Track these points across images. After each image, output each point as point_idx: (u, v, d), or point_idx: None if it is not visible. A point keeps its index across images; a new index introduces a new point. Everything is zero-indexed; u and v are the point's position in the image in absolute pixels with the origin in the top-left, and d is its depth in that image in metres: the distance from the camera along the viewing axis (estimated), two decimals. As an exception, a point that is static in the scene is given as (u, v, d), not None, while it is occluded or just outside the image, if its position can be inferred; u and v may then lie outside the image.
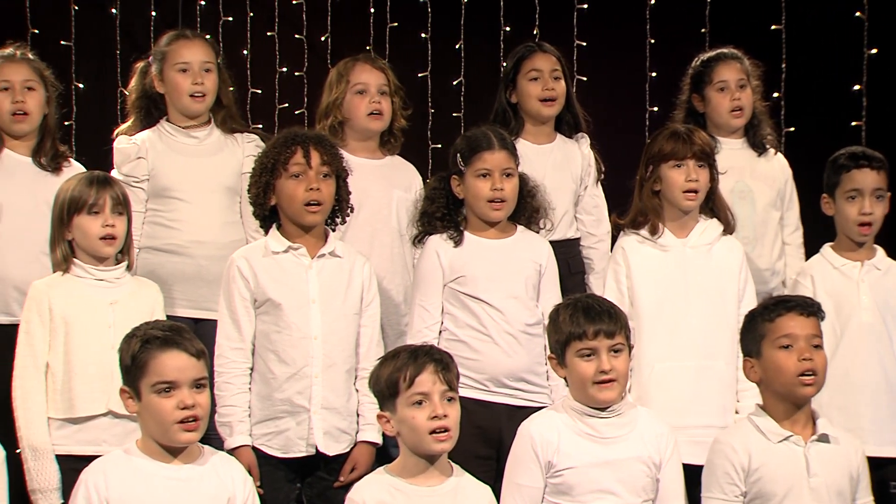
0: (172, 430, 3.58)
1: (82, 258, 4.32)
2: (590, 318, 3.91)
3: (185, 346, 3.60)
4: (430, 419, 3.70)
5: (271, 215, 4.42)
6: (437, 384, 3.72)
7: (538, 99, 5.26)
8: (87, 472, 3.61)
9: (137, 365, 3.59)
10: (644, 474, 3.91)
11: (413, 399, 3.72)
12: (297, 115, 6.36)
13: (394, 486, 3.74)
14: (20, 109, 4.89)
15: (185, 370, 3.59)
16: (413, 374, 3.72)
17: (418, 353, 3.78)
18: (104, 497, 3.54)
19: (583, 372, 3.89)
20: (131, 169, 5.00)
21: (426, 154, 6.29)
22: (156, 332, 3.62)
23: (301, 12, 6.43)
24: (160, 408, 3.57)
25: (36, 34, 6.03)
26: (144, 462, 3.60)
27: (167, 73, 5.03)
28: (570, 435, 3.89)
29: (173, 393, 3.57)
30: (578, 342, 3.90)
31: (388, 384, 3.75)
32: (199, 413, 3.59)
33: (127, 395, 3.63)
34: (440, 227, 4.61)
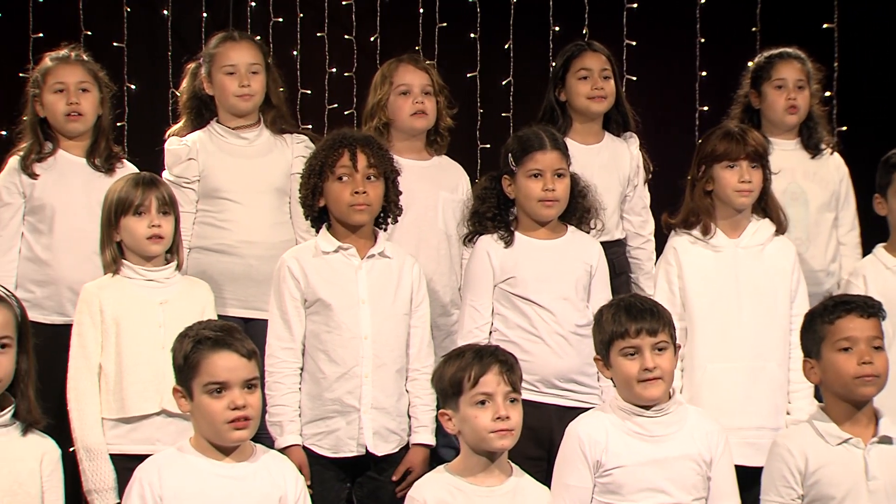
0: (223, 430, 3.60)
1: (131, 259, 4.35)
2: (631, 317, 3.91)
3: (235, 347, 3.62)
4: (492, 420, 3.71)
5: (321, 216, 4.44)
6: (502, 385, 3.74)
7: (587, 98, 5.25)
8: (141, 469, 3.64)
9: (189, 365, 3.62)
10: (694, 472, 3.90)
11: (476, 399, 3.74)
12: (347, 115, 6.37)
13: (454, 485, 3.76)
14: (75, 111, 4.93)
15: (235, 371, 3.61)
16: (478, 374, 3.74)
17: (484, 354, 3.80)
18: (158, 494, 3.57)
19: (627, 371, 3.89)
20: (182, 170, 5.03)
21: (475, 154, 6.29)
22: (207, 333, 3.64)
23: (350, 13, 6.44)
24: (211, 408, 3.59)
25: (89, 36, 6.08)
26: (198, 459, 3.62)
27: (215, 75, 5.07)
28: (618, 434, 3.89)
29: (224, 393, 3.59)
30: (621, 341, 3.91)
31: (452, 383, 3.77)
32: (249, 413, 3.60)
33: (180, 394, 3.66)
34: (491, 228, 4.61)
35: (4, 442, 3.52)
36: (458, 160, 5.28)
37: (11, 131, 5.19)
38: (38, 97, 4.96)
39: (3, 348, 3.51)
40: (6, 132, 5.65)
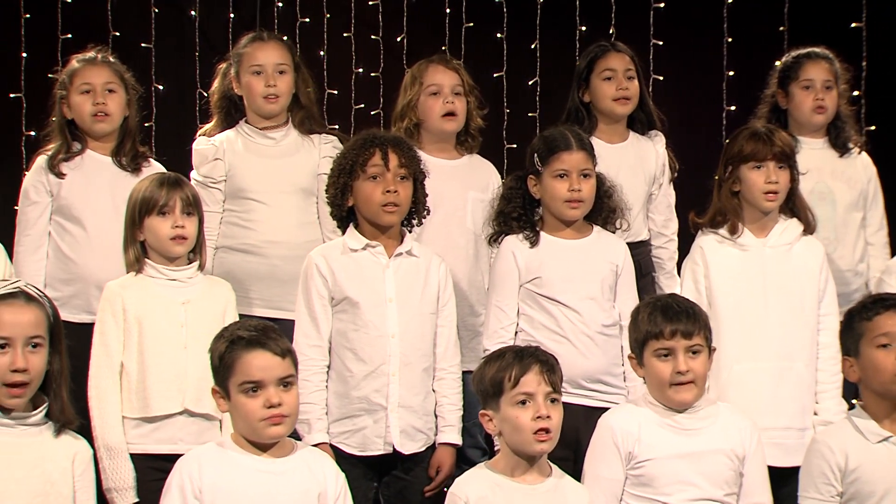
0: (260, 427, 3.61)
1: (154, 259, 4.36)
2: (667, 318, 3.91)
3: (269, 346, 3.63)
4: (533, 419, 3.72)
5: (348, 216, 4.45)
6: (542, 385, 3.75)
7: (612, 98, 5.24)
8: (182, 462, 3.65)
9: (225, 365, 3.63)
10: (727, 467, 3.90)
11: (517, 399, 3.75)
12: (373, 115, 6.38)
13: (495, 482, 3.77)
14: (101, 111, 4.95)
15: (270, 369, 3.62)
16: (518, 374, 3.75)
17: (524, 354, 3.81)
18: (198, 486, 3.58)
19: (659, 372, 3.89)
20: (209, 170, 5.05)
21: (501, 154, 6.28)
22: (242, 333, 3.66)
23: (377, 13, 6.44)
24: (247, 407, 3.60)
25: (117, 37, 6.10)
26: (238, 455, 3.64)
27: (243, 75, 5.09)
28: (651, 426, 3.90)
29: (259, 392, 3.60)
30: (655, 341, 3.91)
31: (493, 383, 3.78)
32: (285, 411, 3.62)
33: (218, 394, 3.68)
34: (516, 228, 4.61)
35: (37, 442, 3.53)
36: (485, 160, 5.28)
37: (40, 132, 5.23)
38: (66, 98, 4.99)
39: (35, 348, 3.52)
40: (35, 133, 5.70)
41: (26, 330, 3.51)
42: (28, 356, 3.50)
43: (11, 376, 3.47)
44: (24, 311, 3.53)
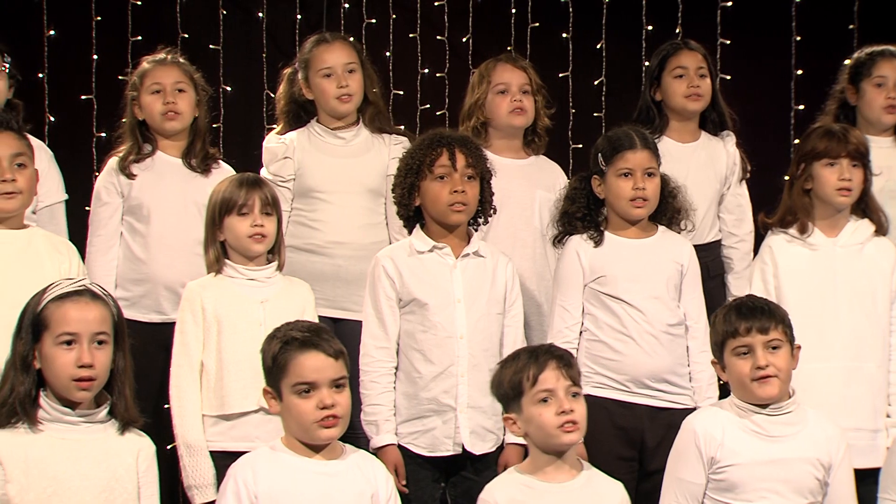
0: (312, 429, 3.61)
1: (234, 258, 4.38)
2: (741, 315, 3.89)
3: (323, 347, 3.63)
4: (557, 415, 3.70)
5: (415, 216, 4.46)
6: (561, 380, 3.71)
7: (683, 96, 5.23)
8: (235, 467, 3.66)
9: (277, 366, 3.64)
10: (812, 476, 3.85)
11: (538, 397, 3.71)
12: (439, 116, 6.38)
13: (525, 483, 3.74)
14: (171, 110, 4.98)
15: (323, 371, 3.62)
16: (536, 373, 3.72)
17: (538, 352, 3.78)
18: (253, 491, 3.59)
19: (740, 370, 3.87)
20: (278, 168, 5.08)
21: (567, 154, 6.26)
22: (295, 334, 3.65)
23: (443, 14, 6.44)
24: (300, 409, 3.61)
25: (186, 38, 6.15)
26: (291, 457, 3.64)
27: (313, 79, 5.09)
28: (735, 431, 3.86)
29: (312, 393, 3.60)
30: (733, 340, 3.89)
31: (512, 385, 3.75)
32: (338, 412, 3.62)
33: (270, 395, 3.68)
34: (580, 228, 4.60)
35: (102, 438, 3.57)
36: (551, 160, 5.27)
37: (111, 134, 5.28)
38: (137, 99, 5.02)
39: (100, 344, 3.56)
40: (105, 134, 5.77)
41: (92, 326, 3.55)
42: (94, 352, 3.53)
43: (78, 371, 3.51)
44: (90, 307, 3.57)
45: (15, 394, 3.51)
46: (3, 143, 4.11)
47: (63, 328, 3.52)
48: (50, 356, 3.52)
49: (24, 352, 3.54)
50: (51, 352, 3.52)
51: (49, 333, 3.52)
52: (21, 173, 4.11)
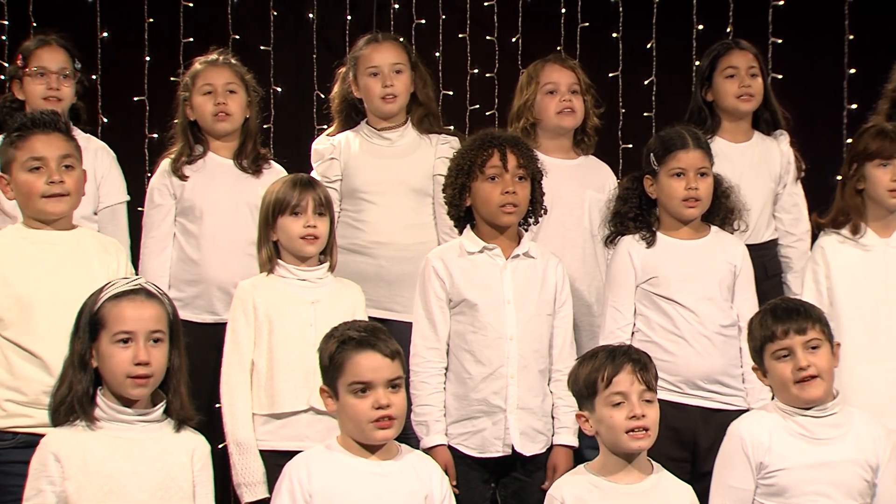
0: (368, 429, 3.63)
1: (286, 259, 4.39)
2: (777, 318, 3.88)
3: (379, 347, 3.65)
4: (628, 419, 3.70)
5: (466, 216, 4.46)
6: (636, 384, 3.73)
7: (735, 96, 5.20)
8: (290, 466, 3.69)
9: (334, 365, 3.66)
10: (860, 477, 3.83)
11: (611, 399, 3.73)
12: (488, 116, 6.38)
13: (592, 483, 3.76)
14: (222, 111, 5.01)
15: (379, 370, 3.64)
16: (611, 374, 3.73)
17: (616, 353, 3.79)
18: (307, 490, 3.61)
19: (781, 373, 3.85)
20: (325, 169, 5.10)
21: (617, 154, 6.25)
22: (352, 333, 3.68)
23: (492, 14, 6.45)
24: (356, 408, 3.63)
25: (237, 39, 6.19)
26: (345, 457, 3.67)
27: (360, 77, 5.12)
28: (782, 435, 3.85)
29: (369, 393, 3.63)
30: (771, 344, 3.88)
31: (587, 384, 3.77)
32: (394, 412, 3.64)
33: (326, 394, 3.71)
34: (632, 228, 4.59)
35: (157, 437, 3.59)
36: (600, 160, 5.26)
37: (163, 135, 5.31)
38: (188, 100, 5.05)
39: (156, 343, 3.58)
40: (158, 135, 5.81)
41: (148, 325, 3.58)
42: (150, 350, 3.56)
43: (135, 369, 3.54)
44: (146, 306, 3.60)
45: (73, 392, 3.54)
46: (52, 145, 4.12)
47: (119, 327, 3.55)
48: (107, 354, 3.55)
49: (81, 351, 3.57)
50: (107, 350, 3.55)
51: (106, 332, 3.56)
52: (69, 175, 4.12)
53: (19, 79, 5.09)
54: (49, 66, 5.04)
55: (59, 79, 5.04)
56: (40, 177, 4.09)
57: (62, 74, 5.05)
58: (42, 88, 5.03)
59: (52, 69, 5.04)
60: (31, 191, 4.09)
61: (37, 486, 3.51)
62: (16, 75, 5.11)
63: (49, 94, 5.02)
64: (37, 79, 5.04)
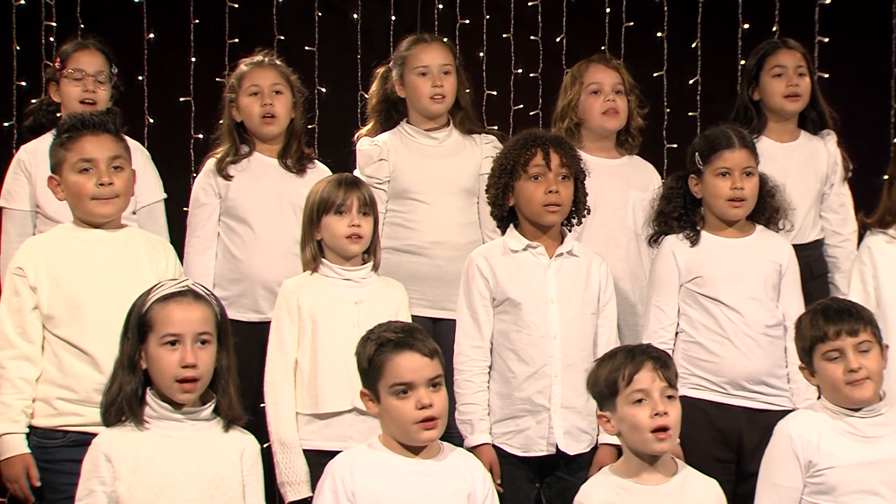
0: (413, 430, 3.63)
1: (330, 258, 4.40)
2: (829, 319, 3.85)
3: (418, 347, 3.65)
4: (650, 417, 3.68)
5: (509, 216, 4.46)
6: (657, 381, 3.70)
7: (782, 95, 5.18)
8: (333, 465, 3.69)
9: (374, 368, 3.66)
10: None
11: (633, 397, 3.70)
12: (532, 116, 6.37)
13: (619, 485, 3.74)
14: (269, 112, 5.03)
15: (420, 371, 3.64)
16: (632, 373, 3.71)
17: (636, 352, 3.77)
18: (350, 489, 3.62)
19: (832, 374, 3.83)
20: (374, 170, 5.10)
21: (661, 154, 6.23)
22: (389, 335, 3.67)
23: (536, 14, 6.44)
24: (399, 410, 3.63)
25: (282, 40, 6.21)
26: (388, 456, 3.67)
27: (407, 77, 5.12)
28: (830, 434, 3.82)
29: (410, 394, 3.62)
30: (822, 345, 3.85)
31: (607, 384, 3.74)
32: (436, 412, 3.63)
33: (367, 397, 3.70)
34: (676, 227, 4.58)
35: (207, 437, 3.61)
36: (645, 160, 5.26)
37: (209, 136, 5.34)
38: (235, 101, 5.07)
39: (203, 344, 3.60)
40: (203, 136, 5.84)
41: (195, 326, 3.59)
42: (197, 352, 3.57)
43: (182, 372, 3.55)
44: (193, 308, 3.61)
45: (123, 393, 3.56)
46: (101, 146, 4.14)
47: (167, 329, 3.57)
48: (155, 356, 3.57)
49: (130, 352, 3.59)
50: (155, 352, 3.57)
51: (154, 334, 3.57)
52: (118, 175, 4.15)
53: (56, 81, 5.13)
54: (86, 68, 5.08)
55: (95, 82, 5.08)
56: (90, 178, 4.12)
57: (98, 78, 5.09)
58: (78, 91, 5.07)
59: (88, 72, 5.08)
60: (81, 192, 4.12)
61: (89, 486, 3.53)
62: (53, 77, 5.15)
63: (85, 96, 5.06)
64: (73, 81, 5.08)
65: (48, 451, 4.03)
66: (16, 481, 4.03)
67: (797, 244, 4.81)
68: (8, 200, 5.03)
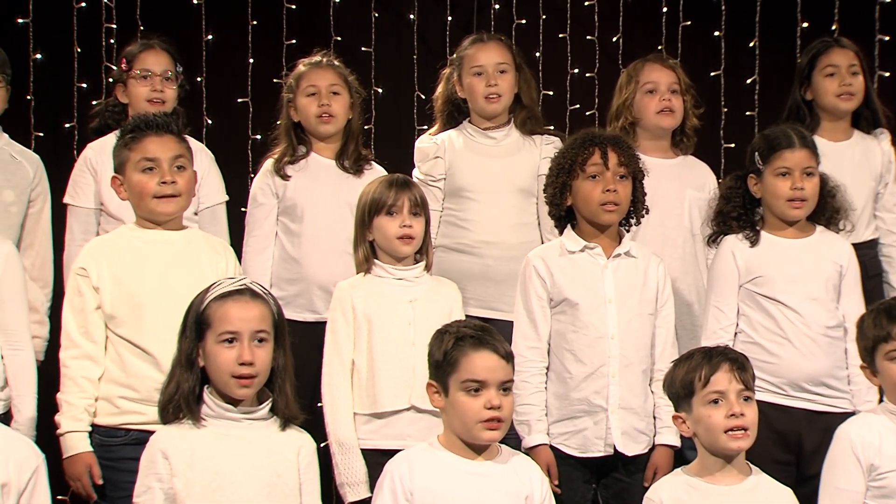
0: (476, 429, 3.65)
1: (382, 258, 4.42)
2: (892, 318, 3.84)
3: (496, 348, 3.67)
4: (726, 418, 3.67)
5: (567, 216, 4.45)
6: (734, 383, 3.70)
7: (834, 95, 5.14)
8: (392, 464, 3.72)
9: (448, 361, 3.67)
10: None
11: (709, 398, 3.70)
12: (588, 116, 6.35)
13: (691, 485, 3.73)
14: (326, 112, 5.04)
15: (495, 371, 3.66)
16: (708, 374, 3.70)
17: (713, 353, 3.76)
18: (408, 488, 3.64)
19: (894, 374, 3.79)
20: (429, 168, 5.12)
21: (719, 154, 6.19)
22: (469, 331, 3.70)
23: (593, 13, 6.41)
24: (466, 406, 3.64)
25: (338, 41, 6.23)
26: (447, 456, 3.68)
27: (465, 77, 5.13)
28: (892, 437, 3.81)
29: (482, 392, 3.64)
30: (885, 344, 3.83)
31: (684, 385, 3.74)
32: (503, 415, 3.65)
33: (434, 389, 3.72)
34: (736, 227, 4.55)
35: (264, 435, 3.63)
36: (702, 160, 5.23)
37: (267, 136, 5.37)
38: (292, 102, 5.10)
39: (260, 342, 3.62)
40: (261, 136, 5.87)
41: (252, 325, 3.61)
42: (254, 350, 3.60)
43: (239, 369, 3.58)
44: (251, 306, 3.64)
45: (180, 391, 3.60)
46: (164, 146, 4.19)
47: (224, 327, 3.60)
48: (212, 354, 3.60)
49: (188, 350, 3.62)
50: (213, 350, 3.60)
51: (211, 332, 3.60)
52: (181, 175, 4.19)
53: (123, 82, 5.17)
54: (153, 68, 5.12)
55: (163, 81, 5.11)
56: (153, 177, 4.16)
57: (165, 77, 5.13)
58: (146, 90, 5.10)
59: (155, 72, 5.11)
60: (144, 191, 4.16)
61: (146, 483, 3.57)
62: (120, 79, 5.19)
63: (153, 96, 5.10)
64: (141, 81, 5.11)
65: (110, 449, 4.07)
66: (79, 479, 4.09)
67: (852, 243, 4.76)
68: (73, 198, 5.08)
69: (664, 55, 5.43)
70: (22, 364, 4.20)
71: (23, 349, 4.22)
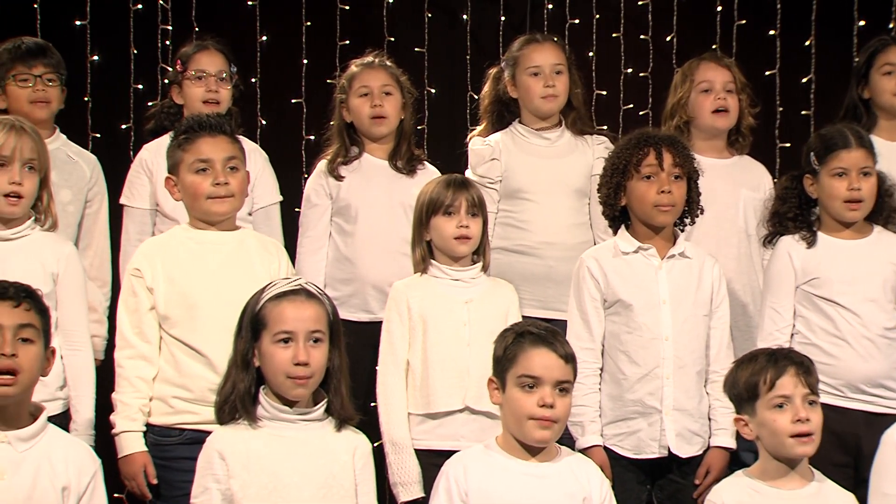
0: (528, 427, 3.65)
1: (439, 259, 4.42)
2: None
3: (555, 347, 3.67)
4: (792, 423, 3.64)
5: (621, 216, 4.44)
6: (799, 387, 3.67)
7: (892, 94, 5.09)
8: (449, 465, 3.72)
9: (507, 357, 3.69)
10: None
11: (774, 402, 3.68)
12: (642, 116, 6.33)
13: (753, 488, 3.71)
14: (379, 114, 5.06)
15: (551, 369, 3.66)
16: (774, 377, 3.68)
17: (778, 356, 3.74)
18: (464, 489, 3.64)
19: None
20: (486, 170, 5.11)
21: (774, 153, 6.15)
22: (531, 329, 3.72)
23: (646, 13, 6.39)
24: (520, 402, 3.65)
25: (392, 42, 6.24)
26: (503, 458, 3.68)
27: (519, 77, 5.12)
28: None
29: (536, 390, 3.64)
30: None
31: (747, 387, 3.72)
32: (556, 415, 3.64)
33: (493, 385, 3.73)
34: (792, 228, 4.52)
35: (319, 436, 3.64)
36: (758, 159, 5.20)
37: (320, 137, 5.39)
38: (345, 102, 5.11)
39: (316, 342, 3.63)
40: (314, 137, 5.90)
41: (308, 325, 3.63)
42: (310, 350, 3.61)
43: (295, 369, 3.59)
44: (306, 306, 3.65)
45: (236, 391, 3.62)
46: (218, 147, 4.21)
47: (280, 327, 3.61)
48: (268, 354, 3.61)
49: (244, 350, 3.65)
50: (269, 350, 3.61)
51: (267, 332, 3.62)
52: (234, 176, 4.22)
53: (178, 83, 5.20)
54: (208, 69, 5.15)
55: (218, 81, 5.15)
56: (206, 178, 4.19)
57: (220, 77, 5.16)
58: (201, 91, 5.13)
59: (210, 72, 5.14)
60: (198, 192, 4.18)
61: (203, 483, 3.59)
62: (175, 80, 5.22)
63: (208, 96, 5.13)
64: (196, 82, 5.15)
65: (165, 448, 4.10)
66: (133, 478, 4.12)
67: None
68: (129, 198, 5.12)
69: (719, 54, 5.41)
70: (81, 365, 4.24)
71: (82, 350, 4.25)
